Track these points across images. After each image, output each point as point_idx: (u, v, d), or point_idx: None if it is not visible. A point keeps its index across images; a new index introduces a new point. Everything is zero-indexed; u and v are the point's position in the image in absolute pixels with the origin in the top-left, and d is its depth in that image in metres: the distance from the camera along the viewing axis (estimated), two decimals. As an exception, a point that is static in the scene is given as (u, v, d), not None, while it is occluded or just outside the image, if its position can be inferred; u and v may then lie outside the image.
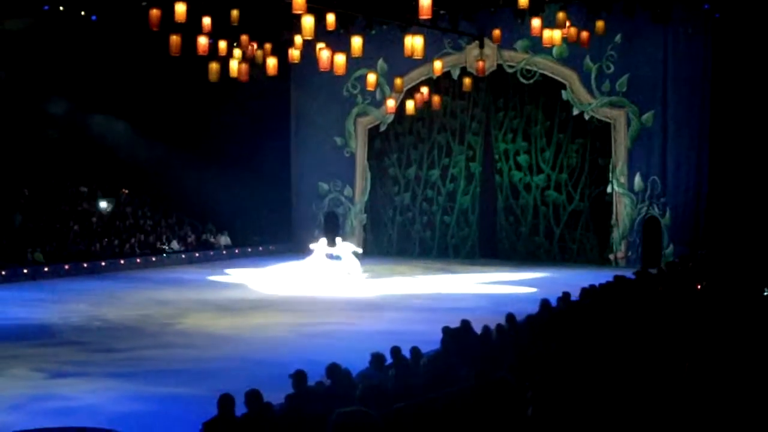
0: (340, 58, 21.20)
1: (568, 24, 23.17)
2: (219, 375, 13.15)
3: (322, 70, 21.41)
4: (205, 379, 12.83)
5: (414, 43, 20.86)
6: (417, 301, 21.35)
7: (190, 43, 20.33)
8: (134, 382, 13.04)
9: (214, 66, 21.48)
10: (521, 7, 21.00)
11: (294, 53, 23.24)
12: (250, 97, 31.15)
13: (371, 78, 25.25)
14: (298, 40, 22.37)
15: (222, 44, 22.68)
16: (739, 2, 25.44)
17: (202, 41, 20.78)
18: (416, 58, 21.66)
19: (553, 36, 23.26)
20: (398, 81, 25.71)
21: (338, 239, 27.39)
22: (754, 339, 10.04)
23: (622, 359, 9.01)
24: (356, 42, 21.02)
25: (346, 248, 26.52)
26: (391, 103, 27.71)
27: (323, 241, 26.96)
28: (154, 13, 18.41)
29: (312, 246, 26.62)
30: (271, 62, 23.00)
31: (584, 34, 23.52)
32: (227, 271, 27.72)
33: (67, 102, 30.49)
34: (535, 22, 23.35)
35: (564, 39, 23.67)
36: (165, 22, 19.01)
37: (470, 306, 19.55)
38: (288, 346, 15.67)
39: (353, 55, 21.18)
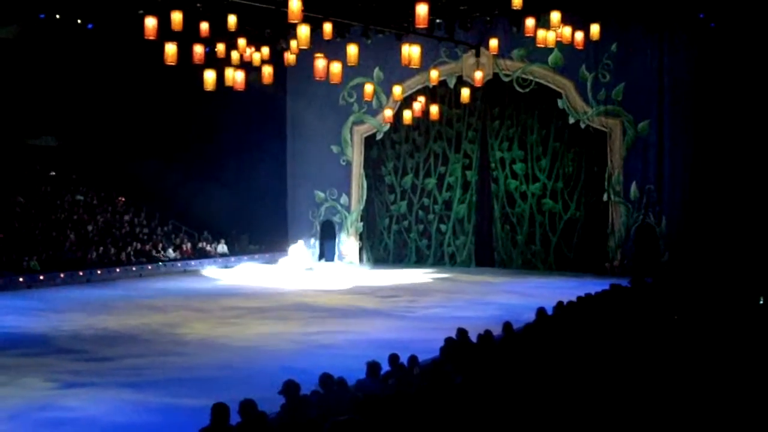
0: (336, 67, 21.19)
1: (562, 26, 23.11)
2: (216, 384, 13.10)
3: (318, 79, 21.39)
4: (203, 389, 12.77)
5: (411, 52, 20.87)
6: (414, 310, 21.35)
7: (185, 51, 20.32)
8: (132, 391, 13.00)
9: (210, 75, 21.45)
10: (515, 7, 20.88)
11: (290, 57, 23.22)
12: (246, 106, 31.18)
13: (368, 89, 25.28)
14: (294, 44, 22.35)
15: (220, 47, 22.70)
16: (735, 12, 25.49)
17: (198, 50, 20.76)
18: (413, 66, 21.65)
19: (547, 37, 23.24)
20: (397, 90, 25.71)
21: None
22: (751, 346, 10.05)
23: (618, 366, 9.02)
24: (352, 50, 21.01)
25: (300, 246, 29.80)
26: (388, 113, 27.72)
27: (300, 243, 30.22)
28: (150, 21, 18.36)
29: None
30: (267, 70, 23.00)
31: (579, 35, 23.51)
32: (224, 279, 27.74)
33: (62, 109, 30.49)
34: (530, 22, 23.23)
35: (558, 43, 23.65)
36: (161, 31, 18.98)
37: (467, 314, 19.57)
38: (285, 355, 15.64)
39: (349, 63, 21.17)
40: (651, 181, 27.87)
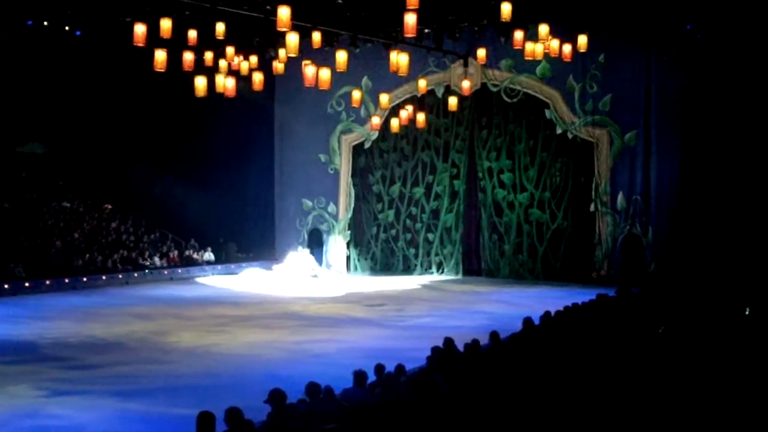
0: (325, 73, 21.20)
1: (550, 38, 23.28)
2: (203, 393, 13.06)
3: (307, 85, 21.38)
4: (190, 397, 12.74)
5: (399, 59, 20.89)
6: (401, 318, 21.35)
7: (174, 58, 20.31)
8: (119, 400, 12.96)
9: (200, 81, 21.50)
10: (503, 20, 21.08)
11: (278, 66, 23.21)
12: (234, 114, 31.17)
13: (356, 95, 25.30)
14: (282, 53, 22.38)
15: (208, 55, 22.70)
16: (722, 23, 25.62)
17: (188, 57, 20.77)
18: (401, 74, 21.66)
19: (535, 49, 23.40)
20: (384, 98, 25.75)
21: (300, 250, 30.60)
22: (738, 357, 10.09)
23: (603, 376, 9.04)
24: (341, 56, 21.01)
25: (304, 255, 29.87)
26: (375, 120, 27.74)
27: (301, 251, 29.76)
28: (139, 28, 18.35)
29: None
30: (258, 77, 23.00)
31: (566, 48, 23.67)
32: (211, 286, 27.66)
33: (50, 116, 30.39)
34: (518, 35, 23.41)
35: (546, 54, 23.80)
36: (149, 38, 18.97)
37: (454, 324, 19.59)
38: (272, 364, 15.62)
39: (338, 70, 21.16)
40: (638, 192, 27.96)
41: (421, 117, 26.73)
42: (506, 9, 20.93)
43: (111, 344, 17.58)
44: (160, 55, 19.46)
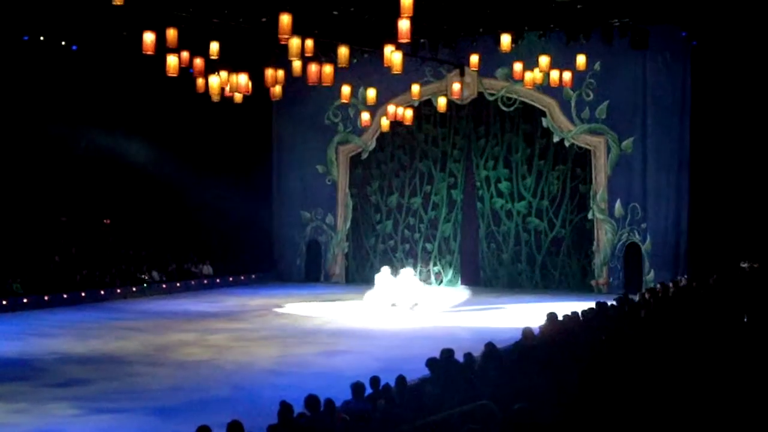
0: (328, 69, 21.19)
1: (548, 63, 23.63)
2: (202, 407, 13.09)
3: (310, 83, 21.33)
4: (188, 412, 12.75)
5: (393, 58, 20.76)
6: (400, 329, 21.35)
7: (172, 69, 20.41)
8: (116, 415, 12.98)
9: (214, 83, 21.66)
10: (503, 51, 21.55)
11: (276, 90, 23.17)
12: (230, 126, 31.14)
13: (345, 90, 25.03)
14: (280, 73, 22.43)
15: (200, 81, 22.74)
16: (717, 30, 25.69)
17: (198, 61, 20.91)
18: (395, 71, 21.44)
19: (534, 77, 23.69)
20: (371, 93, 25.64)
21: (403, 270, 26.79)
22: (736, 365, 10.08)
23: (604, 384, 9.03)
24: (343, 51, 20.99)
25: (409, 278, 25.78)
26: (365, 116, 27.39)
27: (386, 270, 25.82)
28: (148, 37, 18.48)
29: (377, 277, 25.78)
30: (269, 72, 22.91)
31: (567, 76, 23.90)
32: (208, 301, 27.60)
33: (48, 130, 30.29)
34: (517, 66, 23.80)
35: (546, 75, 24.12)
36: (137, 53, 19.18)
37: (453, 333, 19.59)
38: (269, 377, 15.63)
39: (340, 65, 21.17)
40: (635, 199, 27.98)
41: (408, 113, 26.66)
42: (506, 41, 21.38)
43: (111, 360, 17.54)
44: (172, 61, 19.66)
